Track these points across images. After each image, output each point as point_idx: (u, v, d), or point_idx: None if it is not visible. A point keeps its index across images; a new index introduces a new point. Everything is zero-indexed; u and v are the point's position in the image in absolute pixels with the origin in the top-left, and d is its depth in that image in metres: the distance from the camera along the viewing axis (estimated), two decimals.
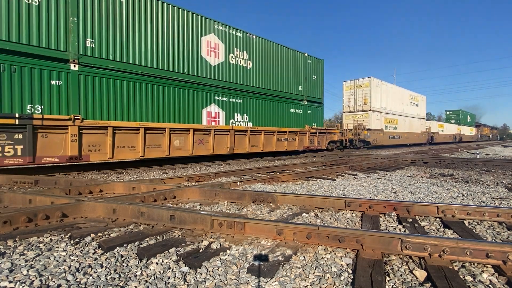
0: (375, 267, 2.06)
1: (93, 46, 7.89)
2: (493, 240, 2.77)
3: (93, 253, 2.36)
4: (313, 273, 2.06)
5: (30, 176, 6.16)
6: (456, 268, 2.09)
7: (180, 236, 2.77)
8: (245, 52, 11.80)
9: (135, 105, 8.67)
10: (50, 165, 7.99)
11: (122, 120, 8.36)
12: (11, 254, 2.33)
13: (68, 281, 1.92)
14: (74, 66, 7.54)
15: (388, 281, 1.96)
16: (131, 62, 8.59)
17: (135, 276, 2.01)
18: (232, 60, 11.33)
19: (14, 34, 6.71)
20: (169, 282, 1.92)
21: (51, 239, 2.67)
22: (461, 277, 1.98)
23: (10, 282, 1.88)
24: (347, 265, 2.19)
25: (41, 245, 2.52)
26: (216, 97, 10.84)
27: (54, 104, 7.24)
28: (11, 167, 6.97)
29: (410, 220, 3.34)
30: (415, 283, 1.93)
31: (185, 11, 9.87)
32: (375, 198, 4.73)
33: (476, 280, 1.95)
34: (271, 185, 5.82)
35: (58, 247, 2.48)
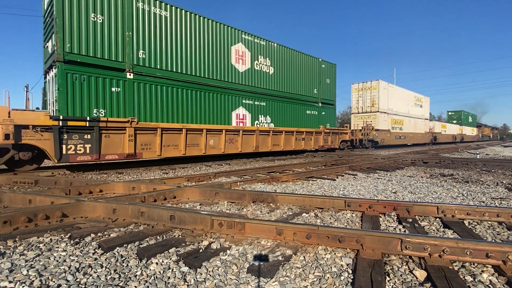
0: (375, 267, 2.06)
1: (144, 57, 9.07)
2: (493, 240, 2.77)
3: (93, 253, 2.36)
4: (313, 273, 2.06)
5: (30, 176, 6.16)
6: (456, 268, 2.09)
7: (180, 236, 2.77)
8: (267, 59, 13.05)
9: (178, 108, 9.84)
10: (110, 162, 9.09)
11: (167, 122, 9.47)
12: (11, 254, 2.33)
13: (68, 281, 1.92)
14: (130, 74, 8.73)
15: (388, 281, 1.96)
16: (174, 70, 9.76)
17: (135, 276, 2.01)
18: (256, 67, 12.58)
19: (83, 48, 7.85)
20: (169, 282, 1.92)
21: (51, 239, 2.67)
22: (461, 277, 1.98)
23: (10, 282, 1.88)
24: (347, 265, 2.19)
25: (41, 245, 2.52)
26: (243, 101, 12.05)
27: (114, 108, 8.38)
28: (81, 163, 8.00)
29: (410, 220, 3.34)
30: (415, 283, 1.93)
31: (218, 23, 11.08)
32: (375, 198, 4.73)
33: (476, 280, 1.95)
34: (271, 185, 5.82)
35: (58, 247, 2.48)
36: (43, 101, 9.13)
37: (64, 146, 7.37)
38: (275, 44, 13.34)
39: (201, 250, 2.43)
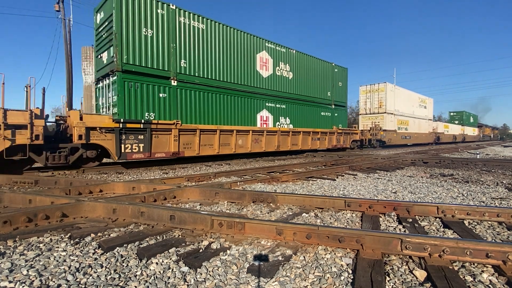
0: (375, 267, 2.06)
1: (185, 66, 10.14)
2: (493, 240, 2.77)
3: (93, 253, 2.36)
4: (313, 273, 2.06)
5: (30, 176, 6.16)
6: (456, 268, 2.09)
7: (180, 236, 2.77)
8: (287, 64, 14.08)
9: (212, 111, 10.89)
10: (159, 159, 9.94)
11: (204, 124, 10.53)
12: (11, 254, 2.33)
13: (68, 281, 1.92)
14: (174, 82, 9.79)
15: (388, 281, 1.96)
16: (209, 77, 10.81)
17: (135, 276, 2.01)
18: (278, 72, 13.62)
19: (137, 58, 8.89)
20: (169, 282, 1.92)
21: (51, 239, 2.67)
22: (461, 277, 1.98)
23: (10, 282, 1.88)
24: (347, 265, 2.19)
25: (41, 245, 2.52)
26: (267, 104, 13.15)
27: (161, 112, 9.42)
28: (136, 160, 9.04)
29: (410, 220, 3.33)
30: (415, 283, 1.93)
31: (245, 33, 12.16)
32: (375, 198, 4.73)
33: (476, 280, 1.95)
34: (271, 185, 5.82)
35: (58, 247, 2.48)
36: (95, 104, 10.36)
37: (122, 145, 8.43)
38: (294, 51, 14.38)
39: (201, 250, 2.43)
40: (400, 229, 3.10)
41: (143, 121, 8.78)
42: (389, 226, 3.21)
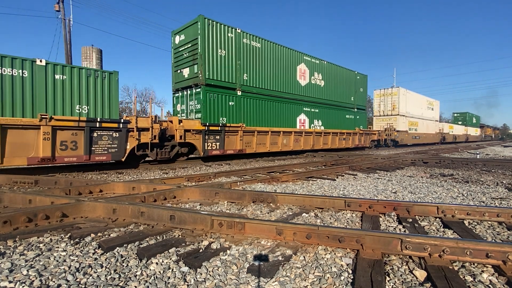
0: (375, 267, 2.06)
1: (247, 78, 12.43)
2: (493, 240, 2.77)
3: (93, 253, 2.36)
4: (313, 273, 2.06)
5: (30, 176, 6.16)
6: (456, 268, 2.09)
7: (180, 236, 2.77)
8: (320, 74, 16.38)
9: (264, 115, 13.17)
10: (228, 154, 11.77)
11: (259, 126, 12.67)
12: (11, 254, 2.33)
13: (68, 281, 1.92)
14: (239, 92, 12.09)
15: (388, 281, 1.96)
16: (262, 87, 13.07)
17: (135, 276, 2.01)
18: (313, 81, 15.91)
19: (215, 74, 11.16)
20: (169, 282, 1.92)
21: (51, 239, 2.67)
22: (461, 277, 1.98)
23: (10, 282, 1.88)
24: (347, 265, 2.19)
25: (41, 245, 2.52)
26: (304, 108, 15.37)
27: (230, 117, 11.76)
28: (213, 155, 10.98)
29: (410, 220, 3.33)
30: (415, 283, 1.93)
31: (289, 49, 14.35)
32: (375, 198, 4.73)
33: (476, 280, 1.95)
34: (271, 185, 5.82)
35: (58, 247, 2.48)
36: (173, 110, 12.77)
37: (206, 144, 10.48)
38: (325, 62, 16.71)
39: (201, 250, 2.43)
40: (400, 229, 3.10)
41: (220, 124, 10.99)
42: (389, 226, 3.21)
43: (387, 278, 1.99)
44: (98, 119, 7.81)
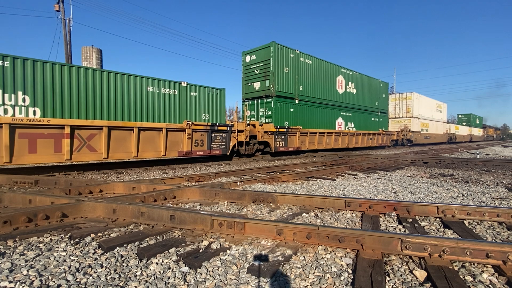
0: (375, 267, 2.06)
1: (302, 89, 15.30)
2: (493, 240, 2.77)
3: (93, 253, 2.36)
4: (313, 273, 2.06)
5: (30, 176, 6.16)
6: (456, 268, 2.09)
7: (180, 236, 2.77)
8: (352, 83, 19.30)
9: (315, 119, 16.05)
10: (290, 150, 14.53)
11: (310, 128, 15.49)
12: (11, 254, 2.33)
13: (68, 281, 1.92)
14: (297, 101, 15.00)
15: (388, 281, 1.96)
16: (312, 96, 15.96)
17: (135, 276, 2.01)
18: (347, 90, 18.83)
19: (281, 87, 14.06)
20: (169, 282, 1.92)
21: (51, 239, 2.67)
22: (461, 277, 1.98)
23: (10, 282, 1.88)
24: (347, 265, 2.19)
25: (41, 245, 2.52)
26: (341, 113, 18.23)
27: (290, 121, 14.47)
28: (280, 151, 13.76)
29: (410, 220, 3.33)
30: (415, 283, 1.93)
31: (330, 63, 17.32)
32: (375, 198, 4.73)
33: (476, 280, 1.95)
34: (271, 185, 5.82)
35: (58, 247, 2.48)
36: (243, 115, 14.51)
37: (275, 142, 13.47)
38: (357, 73, 19.65)
39: (201, 250, 2.43)
40: (400, 229, 3.10)
41: (286, 127, 13.89)
42: (389, 226, 3.21)
43: (387, 278, 1.99)
44: (216, 124, 10.84)
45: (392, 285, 1.90)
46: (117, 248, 2.46)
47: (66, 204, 3.29)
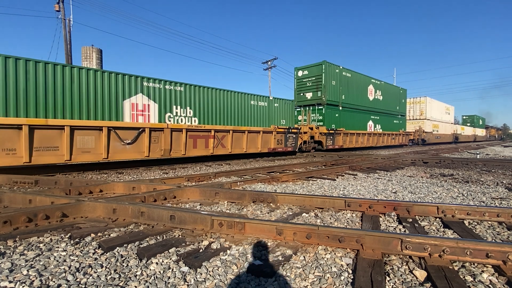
0: (375, 267, 2.06)
1: (344, 98, 18.81)
2: (493, 240, 2.77)
3: (93, 253, 2.36)
4: (313, 273, 2.06)
5: (30, 176, 6.16)
6: (456, 268, 2.09)
7: (180, 236, 2.77)
8: (380, 91, 23.00)
9: (352, 122, 19.53)
10: (336, 148, 18.05)
11: (349, 129, 18.93)
12: (11, 254, 2.33)
13: (68, 281, 1.92)
14: (340, 107, 18.52)
15: (388, 281, 1.96)
16: (350, 103, 19.37)
17: (135, 276, 2.01)
18: (376, 97, 22.41)
19: (330, 97, 17.66)
20: (169, 282, 1.92)
21: (51, 239, 2.67)
22: (461, 277, 1.98)
23: (10, 282, 1.88)
24: (347, 265, 2.19)
25: (41, 245, 2.52)
26: (371, 116, 21.76)
27: (336, 124, 17.85)
28: (329, 149, 17.13)
29: (410, 220, 3.33)
30: (415, 283, 1.93)
31: (363, 75, 20.84)
32: (375, 198, 4.73)
33: (476, 280, 1.95)
34: (271, 185, 5.82)
35: (58, 247, 2.48)
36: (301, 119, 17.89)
37: (326, 141, 16.78)
38: (383, 82, 23.40)
39: (201, 250, 2.43)
40: (400, 229, 3.10)
41: (334, 129, 17.35)
42: (389, 226, 3.21)
43: (387, 278, 1.99)
44: (290, 128, 14.14)
45: (392, 285, 1.90)
46: (117, 248, 2.46)
47: (66, 204, 3.29)
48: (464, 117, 56.74)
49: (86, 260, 2.22)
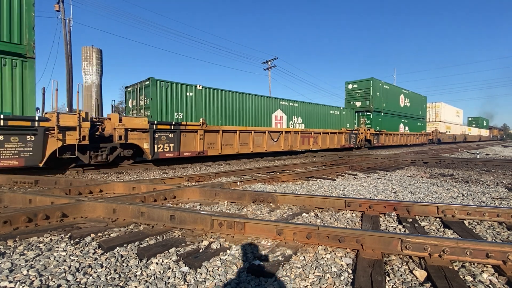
0: (375, 267, 2.06)
1: (384, 105, 22.72)
2: (493, 240, 2.77)
3: (93, 253, 2.36)
4: (313, 273, 2.06)
5: (30, 176, 6.16)
6: (456, 268, 2.09)
7: (180, 236, 2.77)
8: (407, 99, 27.45)
9: (389, 125, 23.38)
10: (383, 145, 23.03)
11: (388, 131, 23.16)
12: (11, 254, 2.33)
13: (68, 281, 1.92)
14: (382, 113, 22.64)
15: (388, 281, 1.96)
16: (388, 109, 23.53)
17: (135, 276, 2.01)
18: (405, 104, 26.89)
19: (375, 104, 21.76)
20: (169, 282, 1.92)
21: (51, 239, 2.67)
22: (461, 277, 1.98)
23: (10, 282, 1.88)
24: (347, 265, 2.19)
25: (41, 245, 2.52)
26: (402, 120, 25.96)
27: (380, 126, 21.96)
28: (376, 146, 22.00)
29: (410, 220, 3.33)
30: (415, 283, 1.93)
31: (397, 87, 26.09)
32: (375, 198, 4.73)
33: (476, 280, 1.95)
34: (271, 185, 5.82)
35: (58, 247, 2.48)
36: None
37: (374, 140, 21.53)
38: (410, 91, 27.86)
39: (201, 250, 2.43)
40: (400, 229, 3.10)
41: (378, 131, 21.63)
42: (389, 226, 3.21)
43: (387, 278, 1.99)
44: (353, 129, 19.54)
45: (392, 285, 1.90)
46: (117, 248, 2.46)
47: (66, 204, 3.29)
48: (470, 119, 60.54)
49: (86, 260, 2.22)
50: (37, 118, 6.86)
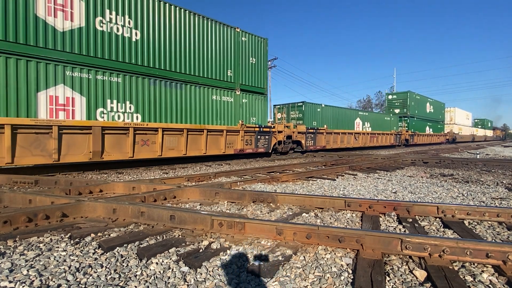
0: (375, 267, 2.06)
1: (417, 112, 29.89)
2: (493, 240, 2.77)
3: (93, 253, 2.36)
4: (313, 273, 2.06)
5: (30, 176, 6.16)
6: (456, 268, 2.09)
7: (180, 236, 2.77)
8: (432, 106, 33.26)
9: (420, 127, 30.03)
10: (416, 143, 29.06)
11: (419, 132, 29.82)
12: (11, 254, 2.33)
13: (68, 281, 1.92)
14: (415, 118, 29.28)
15: (388, 281, 1.96)
16: (416, 113, 29.75)
17: (135, 276, 2.01)
18: (430, 109, 33.05)
19: (410, 110, 28.90)
20: (169, 282, 1.92)
21: (51, 239, 2.67)
22: (461, 277, 1.98)
23: (10, 282, 1.88)
24: (347, 265, 2.19)
25: (41, 245, 2.52)
26: (427, 123, 32.04)
27: (414, 128, 28.52)
28: (410, 143, 27.88)
29: (410, 220, 3.33)
30: (415, 283, 1.93)
31: (424, 96, 32.36)
32: (375, 198, 4.73)
33: (476, 280, 1.95)
34: (271, 185, 5.82)
35: (58, 247, 2.48)
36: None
37: (410, 139, 27.99)
38: (433, 99, 33.08)
39: (201, 250, 2.43)
40: (400, 229, 3.10)
41: (413, 132, 27.65)
42: (389, 226, 3.21)
43: (387, 278, 1.99)
44: (397, 131, 26.07)
45: (392, 285, 1.90)
46: (117, 248, 2.46)
47: (66, 204, 3.29)
48: (476, 120, 64.19)
49: (86, 260, 2.22)
50: (272, 127, 13.09)
